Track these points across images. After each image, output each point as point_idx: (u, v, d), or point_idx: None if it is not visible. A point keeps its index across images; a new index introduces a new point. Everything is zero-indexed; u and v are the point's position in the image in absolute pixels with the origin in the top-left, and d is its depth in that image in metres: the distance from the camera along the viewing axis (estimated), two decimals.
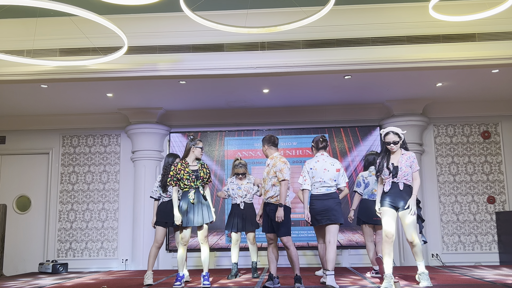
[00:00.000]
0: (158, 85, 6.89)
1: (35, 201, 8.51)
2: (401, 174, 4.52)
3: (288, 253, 4.72)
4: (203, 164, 5.07)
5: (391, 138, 4.57)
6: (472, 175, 8.13)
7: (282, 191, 4.66)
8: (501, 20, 6.03)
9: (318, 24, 5.53)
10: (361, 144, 8.10)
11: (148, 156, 8.20)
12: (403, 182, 4.53)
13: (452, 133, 8.32)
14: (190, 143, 5.03)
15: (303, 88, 7.22)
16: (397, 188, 4.52)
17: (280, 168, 4.71)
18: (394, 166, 4.53)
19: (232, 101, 7.85)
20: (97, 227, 8.33)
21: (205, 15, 4.98)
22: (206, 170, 5.03)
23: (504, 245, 7.72)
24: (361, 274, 6.00)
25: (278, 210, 4.62)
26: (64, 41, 6.34)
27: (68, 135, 8.62)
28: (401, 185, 4.52)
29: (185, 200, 4.92)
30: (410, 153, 4.63)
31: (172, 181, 4.96)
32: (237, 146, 8.22)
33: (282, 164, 4.73)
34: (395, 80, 6.89)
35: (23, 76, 6.36)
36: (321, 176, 4.86)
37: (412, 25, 6.27)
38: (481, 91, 7.55)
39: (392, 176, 4.53)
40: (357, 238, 7.80)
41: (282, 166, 4.72)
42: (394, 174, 4.52)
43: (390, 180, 4.55)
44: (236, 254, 5.84)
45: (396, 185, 4.53)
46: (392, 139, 4.56)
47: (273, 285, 4.71)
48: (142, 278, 6.12)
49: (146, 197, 8.00)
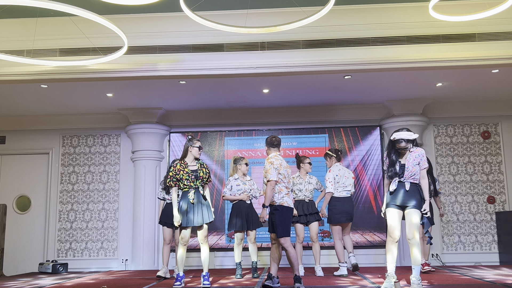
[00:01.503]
0: (158, 85, 6.89)
1: (35, 201, 8.51)
2: (408, 174, 4.36)
3: (287, 254, 4.69)
4: (202, 164, 5.07)
5: (403, 145, 4.38)
6: (472, 175, 8.13)
7: (267, 192, 4.65)
8: (501, 20, 6.03)
9: (318, 24, 5.53)
10: (361, 144, 8.10)
11: (148, 156, 8.20)
12: (409, 181, 4.37)
13: (452, 133, 8.32)
14: (187, 143, 5.04)
15: (303, 88, 7.22)
16: (403, 188, 4.37)
17: (266, 168, 4.71)
18: (400, 165, 4.38)
19: (232, 101, 7.85)
20: (97, 227, 8.33)
21: (205, 15, 4.98)
22: (205, 170, 5.03)
23: (504, 245, 7.72)
24: (361, 274, 6.00)
25: (262, 211, 4.63)
26: (64, 41, 6.34)
27: (68, 135, 8.62)
28: (407, 184, 4.36)
29: (185, 200, 4.93)
30: (419, 150, 4.44)
31: (171, 181, 4.97)
32: (237, 146, 8.22)
33: (268, 165, 4.71)
34: (395, 80, 6.88)
35: (23, 76, 6.35)
36: (344, 182, 5.86)
37: (412, 25, 6.26)
38: (481, 91, 7.55)
39: (399, 176, 4.39)
40: (357, 238, 7.80)
41: (268, 166, 4.70)
42: (400, 174, 4.37)
43: (396, 180, 4.41)
44: (240, 254, 5.81)
45: (402, 184, 4.38)
46: (405, 146, 4.39)
47: (273, 284, 4.71)
48: (142, 278, 6.14)
49: (146, 197, 8.02)
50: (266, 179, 4.68)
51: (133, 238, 8.03)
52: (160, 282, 5.63)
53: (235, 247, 5.82)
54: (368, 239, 7.79)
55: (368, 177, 7.94)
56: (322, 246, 7.74)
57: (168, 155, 8.28)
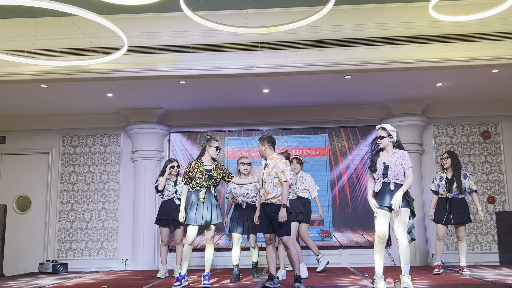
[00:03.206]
0: (158, 85, 6.89)
1: (35, 201, 8.51)
2: (391, 174, 4.46)
3: (288, 252, 4.73)
4: (217, 164, 5.07)
5: (379, 132, 4.61)
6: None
7: (284, 192, 4.67)
8: (501, 20, 6.03)
9: (318, 24, 5.53)
10: (361, 144, 8.10)
11: (148, 156, 8.20)
12: (394, 182, 4.47)
13: (452, 133, 8.32)
14: (205, 143, 5.07)
15: (303, 88, 7.22)
16: (387, 188, 4.48)
17: (282, 169, 4.72)
18: (384, 166, 4.49)
19: (232, 101, 7.85)
20: (97, 227, 8.33)
21: (205, 15, 4.98)
22: (220, 171, 5.04)
23: (504, 245, 7.72)
24: (361, 274, 6.00)
25: (281, 211, 4.61)
26: (64, 41, 6.33)
27: (68, 135, 8.62)
28: (392, 185, 4.46)
29: (194, 199, 4.94)
30: (401, 152, 4.55)
31: (184, 178, 4.99)
32: (237, 146, 8.22)
33: (284, 165, 4.74)
34: (395, 80, 6.88)
35: (23, 76, 6.35)
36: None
37: (412, 25, 6.26)
38: (481, 91, 7.55)
39: (383, 176, 4.49)
40: (357, 238, 7.80)
41: (284, 167, 4.73)
42: (384, 174, 4.48)
43: (381, 180, 4.51)
44: (238, 256, 5.62)
45: (387, 185, 4.49)
46: (379, 133, 4.60)
47: (273, 285, 4.71)
48: (142, 278, 6.14)
49: (146, 197, 8.02)
50: (283, 180, 4.69)
51: (133, 238, 8.03)
52: (160, 282, 5.63)
53: (233, 248, 5.66)
54: (368, 239, 7.79)
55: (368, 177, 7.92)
56: (323, 246, 7.75)
57: (168, 155, 8.28)
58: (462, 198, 5.86)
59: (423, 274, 5.83)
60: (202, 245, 7.56)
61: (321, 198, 6.93)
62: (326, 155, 8.11)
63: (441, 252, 5.91)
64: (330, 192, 7.97)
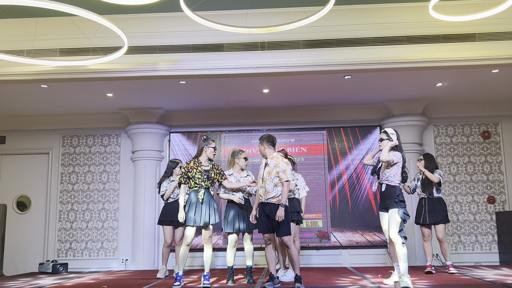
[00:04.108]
0: (158, 85, 6.89)
1: (35, 201, 8.51)
2: (382, 175, 4.64)
3: (289, 252, 4.72)
4: (214, 165, 5.08)
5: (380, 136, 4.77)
6: (472, 175, 8.13)
7: (285, 192, 4.67)
8: (501, 20, 6.03)
9: (318, 24, 5.53)
10: (361, 144, 8.10)
11: (148, 156, 8.20)
12: (385, 183, 4.60)
13: (452, 133, 8.32)
14: (202, 143, 5.04)
15: (303, 88, 7.22)
16: (380, 190, 4.65)
17: (284, 168, 4.72)
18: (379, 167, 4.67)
19: (232, 101, 7.85)
20: (97, 227, 8.33)
21: (205, 15, 4.98)
22: (216, 171, 5.05)
23: (504, 245, 7.72)
24: (361, 274, 6.00)
25: (279, 210, 4.61)
26: (64, 41, 6.33)
27: (68, 135, 8.62)
28: (383, 186, 4.61)
29: (193, 199, 4.93)
30: (395, 153, 4.62)
31: (182, 178, 4.98)
32: (237, 146, 8.20)
33: (285, 165, 4.75)
34: (395, 80, 6.88)
35: (23, 76, 6.35)
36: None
37: (412, 25, 6.26)
38: (481, 91, 7.55)
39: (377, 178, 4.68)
40: (357, 238, 7.80)
41: (285, 167, 4.74)
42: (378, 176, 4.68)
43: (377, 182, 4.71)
44: (233, 257, 5.38)
45: (380, 186, 4.66)
46: (380, 136, 4.76)
47: (273, 285, 4.71)
48: (142, 278, 6.14)
49: (146, 197, 8.02)
50: (283, 180, 4.69)
51: (133, 238, 8.03)
52: (160, 282, 5.63)
53: (228, 249, 5.39)
54: (368, 239, 7.79)
55: (368, 177, 7.94)
56: (321, 247, 7.75)
57: (168, 155, 8.28)
58: (439, 198, 6.02)
59: (423, 274, 5.83)
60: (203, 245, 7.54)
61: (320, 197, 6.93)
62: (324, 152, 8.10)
63: (430, 253, 6.02)
64: (329, 192, 7.96)
